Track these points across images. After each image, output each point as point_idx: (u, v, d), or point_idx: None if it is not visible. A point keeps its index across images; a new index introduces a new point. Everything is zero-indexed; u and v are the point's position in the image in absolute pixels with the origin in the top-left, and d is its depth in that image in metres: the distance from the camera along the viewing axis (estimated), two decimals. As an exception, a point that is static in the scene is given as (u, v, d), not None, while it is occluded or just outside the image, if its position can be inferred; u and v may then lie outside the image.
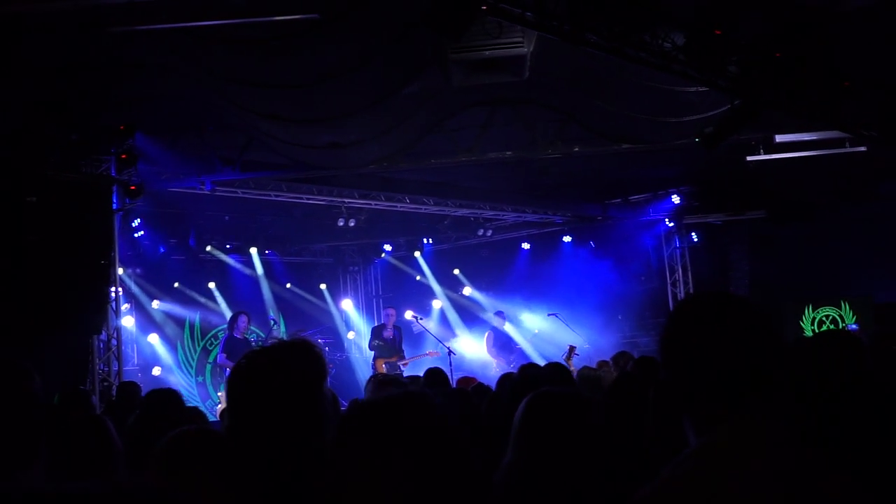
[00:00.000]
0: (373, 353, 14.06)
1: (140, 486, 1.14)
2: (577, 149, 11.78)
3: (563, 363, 11.67)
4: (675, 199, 15.28)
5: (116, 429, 3.21)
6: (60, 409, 5.94)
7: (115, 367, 10.99)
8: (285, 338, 14.06)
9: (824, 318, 14.89)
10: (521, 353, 14.82)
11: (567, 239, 16.73)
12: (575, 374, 7.51)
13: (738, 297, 1.89)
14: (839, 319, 14.77)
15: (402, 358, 13.98)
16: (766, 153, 11.62)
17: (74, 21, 7.35)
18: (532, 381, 3.80)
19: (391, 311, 14.60)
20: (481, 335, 16.64)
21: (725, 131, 9.27)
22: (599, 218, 16.11)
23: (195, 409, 4.89)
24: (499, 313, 14.98)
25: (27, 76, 8.33)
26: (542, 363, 9.84)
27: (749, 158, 11.72)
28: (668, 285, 15.82)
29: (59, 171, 10.00)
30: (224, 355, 12.57)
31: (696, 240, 15.89)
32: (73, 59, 8.12)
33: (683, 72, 8.14)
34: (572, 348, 12.84)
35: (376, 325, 15.12)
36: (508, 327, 14.97)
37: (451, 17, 6.89)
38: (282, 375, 2.36)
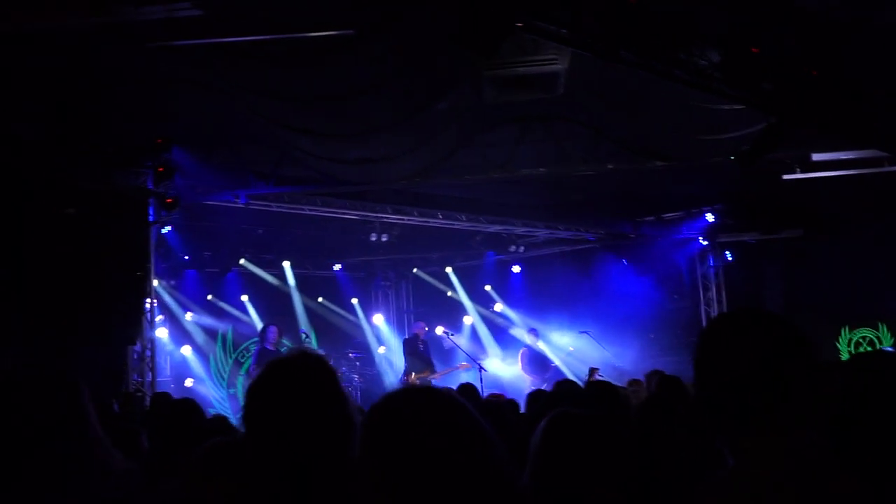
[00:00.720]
0: (404, 366, 14.03)
1: None
2: (610, 166, 11.72)
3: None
4: (709, 217, 15.13)
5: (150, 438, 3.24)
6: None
7: (148, 378, 11.09)
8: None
9: (861, 340, 14.66)
10: (557, 370, 14.73)
11: (599, 256, 16.63)
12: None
13: (773, 315, 1.86)
14: (876, 341, 14.53)
15: (434, 371, 13.94)
16: (802, 172, 11.49)
17: (112, 36, 7.46)
18: (566, 397, 3.76)
19: (423, 325, 14.59)
20: (512, 352, 16.59)
21: (761, 150, 9.18)
22: (632, 236, 16.00)
23: (220, 416, 4.91)
24: (532, 330, 14.87)
25: (65, 89, 8.47)
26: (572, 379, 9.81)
27: (785, 177, 11.60)
28: (702, 304, 15.66)
29: (96, 184, 10.15)
30: (257, 368, 12.61)
31: (730, 258, 15.73)
32: (111, 72, 8.24)
33: (719, 89, 8.08)
34: (593, 370, 12.78)
35: (408, 337, 15.09)
36: (542, 345, 14.88)
37: (484, 35, 6.90)
38: (302, 383, 2.37)
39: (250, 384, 2.45)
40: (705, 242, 15.64)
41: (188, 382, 15.14)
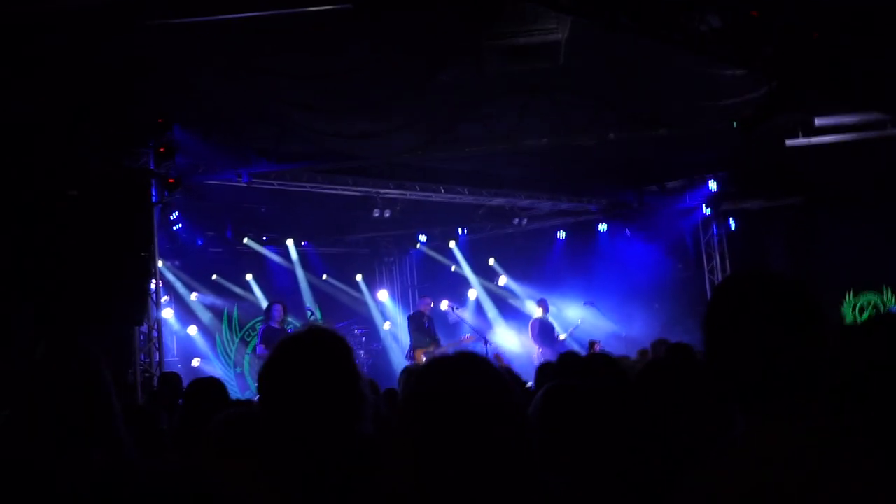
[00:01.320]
0: (409, 342, 14.07)
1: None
2: (612, 135, 11.68)
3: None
4: (712, 184, 15.10)
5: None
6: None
7: (156, 359, 11.13)
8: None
9: (865, 305, 14.69)
10: (565, 342, 14.76)
11: (603, 227, 16.63)
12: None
13: (783, 277, 1.85)
14: (881, 305, 14.54)
15: (439, 346, 13.99)
16: (805, 136, 11.45)
17: (110, 15, 7.43)
18: (569, 369, 3.78)
19: (429, 300, 14.62)
20: (516, 325, 16.65)
21: (764, 114, 9.16)
22: (635, 205, 15.98)
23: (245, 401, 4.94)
24: (541, 301, 14.83)
25: (64, 71, 8.44)
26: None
27: (788, 142, 11.56)
28: (706, 273, 15.68)
29: (98, 165, 10.14)
30: (262, 346, 12.68)
31: (733, 227, 15.72)
32: (110, 52, 8.21)
33: (719, 54, 8.05)
34: (592, 343, 12.82)
35: (413, 313, 15.12)
36: (551, 317, 14.87)
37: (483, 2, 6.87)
38: (316, 359, 2.41)
39: (266, 358, 2.48)
40: (708, 211, 15.62)
41: (195, 362, 15.22)
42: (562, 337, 14.51)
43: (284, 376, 2.41)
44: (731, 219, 15.68)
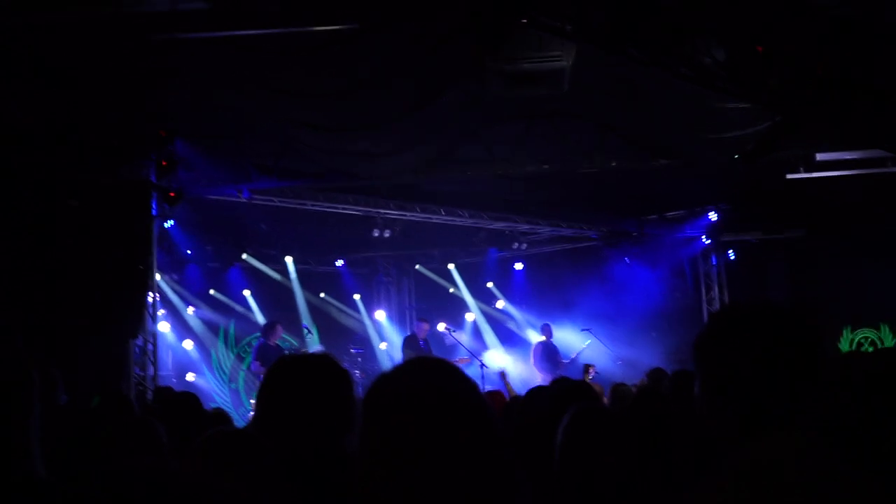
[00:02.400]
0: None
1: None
2: (614, 163, 11.70)
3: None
4: (713, 215, 15.11)
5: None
6: (101, 411, 6.01)
7: (150, 372, 11.08)
8: (318, 347, 14.15)
9: (863, 340, 14.64)
10: (568, 367, 14.63)
11: (602, 254, 16.62)
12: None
13: (778, 307, 1.82)
14: (878, 342, 14.49)
15: None
16: (806, 171, 11.46)
17: (115, 29, 7.44)
18: (567, 396, 3.74)
19: (425, 326, 14.56)
20: (514, 349, 16.59)
21: (766, 148, 9.16)
22: (635, 234, 15.97)
23: (219, 410, 4.92)
24: (545, 326, 14.70)
25: (68, 82, 8.45)
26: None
27: (789, 176, 11.57)
28: (704, 303, 15.64)
29: (99, 176, 10.13)
30: (258, 363, 12.62)
31: (732, 257, 15.71)
32: (115, 65, 8.21)
33: (723, 87, 8.05)
34: (588, 367, 12.74)
35: (408, 335, 15.07)
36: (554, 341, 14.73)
37: (489, 29, 6.89)
38: (314, 380, 2.45)
39: (266, 375, 2.52)
40: (708, 241, 15.62)
41: (190, 376, 15.15)
42: (572, 358, 14.29)
43: (281, 394, 2.44)
44: (730, 250, 15.68)
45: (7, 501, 1.96)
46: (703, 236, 15.61)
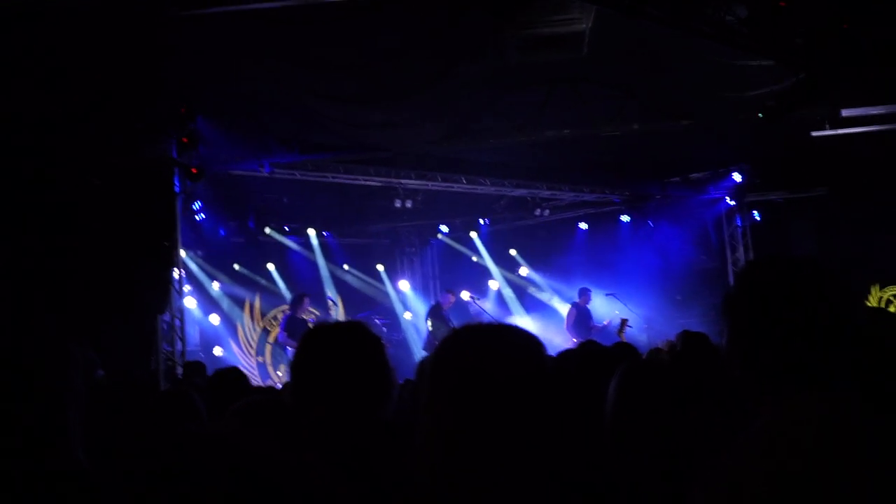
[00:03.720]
0: (427, 334, 13.99)
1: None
2: (635, 126, 11.61)
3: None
4: (737, 176, 14.98)
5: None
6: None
7: (178, 347, 11.19)
8: (343, 319, 14.23)
9: (892, 298, 14.53)
10: (600, 332, 14.54)
11: (625, 218, 16.55)
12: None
13: (812, 261, 1.80)
14: (907, 299, 14.39)
15: None
16: (832, 128, 11.31)
17: (134, 5, 7.45)
18: (598, 358, 3.75)
19: (451, 297, 14.58)
20: (538, 315, 16.61)
21: (789, 105, 9.06)
22: (658, 196, 15.88)
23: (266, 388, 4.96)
24: (583, 290, 14.54)
25: (88, 60, 8.47)
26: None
27: (814, 134, 11.43)
28: (729, 265, 15.56)
29: (121, 155, 10.18)
30: (285, 334, 12.74)
31: (757, 218, 15.60)
32: (134, 42, 8.22)
33: (746, 45, 7.95)
34: (624, 321, 12.67)
35: (433, 304, 15.08)
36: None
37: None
38: (348, 347, 2.47)
39: (299, 345, 2.52)
40: (732, 202, 15.51)
41: (217, 351, 15.29)
42: (604, 324, 14.16)
43: (317, 361, 2.46)
44: (755, 210, 15.55)
45: (46, 489, 1.94)
46: (727, 197, 15.49)
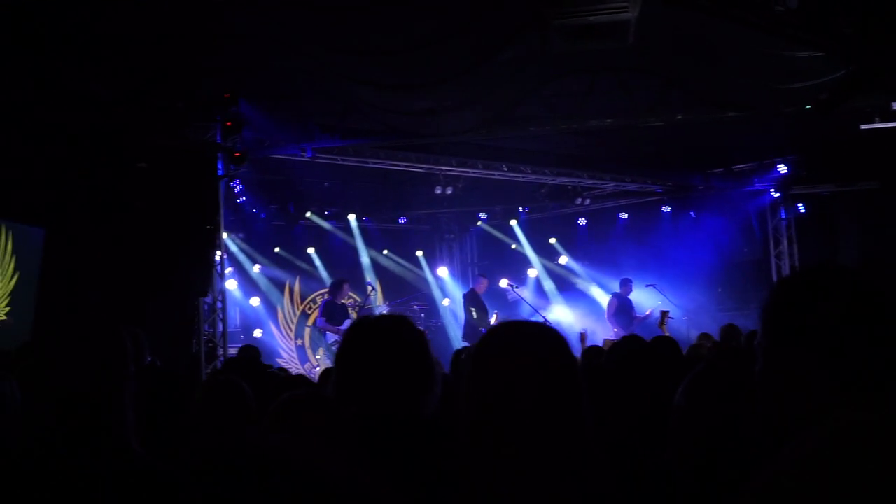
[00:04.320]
0: (471, 318, 13.95)
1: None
2: (680, 116, 11.49)
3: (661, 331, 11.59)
4: (782, 168, 14.74)
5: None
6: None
7: (219, 329, 11.33)
8: (382, 304, 14.26)
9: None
10: (642, 323, 14.45)
11: (667, 209, 16.41)
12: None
13: (859, 271, 1.76)
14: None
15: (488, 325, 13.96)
16: (882, 121, 11.10)
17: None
18: (640, 355, 3.74)
19: (484, 281, 14.58)
20: (577, 304, 16.53)
21: (840, 98, 8.88)
22: (701, 187, 15.69)
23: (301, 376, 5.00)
24: (625, 280, 14.43)
25: (132, 45, 8.56)
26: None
27: (863, 127, 11.23)
28: (772, 258, 15.35)
29: (166, 139, 10.30)
30: (324, 319, 12.83)
31: (802, 211, 15.36)
32: (177, 27, 8.29)
33: (796, 36, 7.81)
34: (664, 313, 12.58)
35: (469, 290, 15.04)
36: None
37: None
38: (396, 341, 2.49)
39: (343, 340, 2.55)
40: (777, 194, 15.27)
41: (257, 333, 15.48)
42: (645, 315, 14.05)
43: (362, 355, 2.48)
44: (800, 203, 15.31)
45: (102, 476, 1.96)
46: (772, 189, 15.26)
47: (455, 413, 1.88)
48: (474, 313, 13.75)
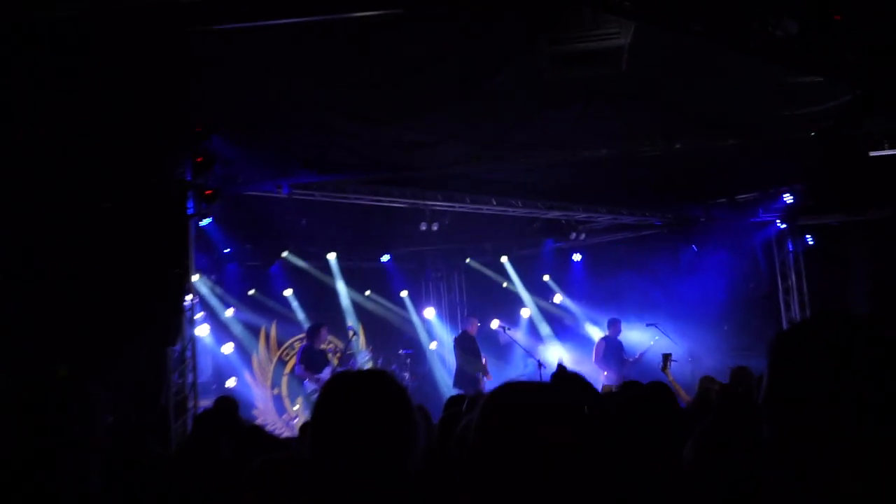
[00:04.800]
0: (463, 363, 14.02)
1: None
2: (678, 145, 11.63)
3: (662, 376, 11.65)
4: (788, 197, 14.92)
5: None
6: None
7: (189, 380, 11.24)
8: (365, 349, 14.26)
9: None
10: (634, 366, 14.61)
11: (667, 243, 16.52)
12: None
13: (861, 318, 1.82)
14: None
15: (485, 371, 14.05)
16: (891, 147, 11.29)
17: (149, 20, 7.59)
18: (635, 404, 3.79)
19: (475, 320, 14.66)
20: (573, 346, 16.59)
21: (846, 125, 9.04)
22: (702, 219, 15.84)
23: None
24: (613, 321, 14.66)
25: (101, 76, 8.62)
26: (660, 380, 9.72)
27: (872, 153, 11.40)
28: (780, 293, 15.47)
29: (133, 176, 10.31)
30: (302, 366, 12.83)
31: (811, 242, 15.50)
32: (148, 59, 8.37)
33: (798, 62, 7.97)
34: (667, 356, 12.66)
35: (460, 333, 15.11)
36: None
37: (541, 7, 6.89)
38: (373, 399, 2.53)
39: (320, 396, 2.60)
40: (783, 226, 15.44)
41: (230, 382, 15.40)
42: (637, 356, 14.28)
43: (338, 414, 2.52)
44: (808, 234, 15.46)
45: None
46: (778, 220, 15.43)
47: (442, 466, 1.95)
48: (459, 356, 13.87)
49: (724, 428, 2.58)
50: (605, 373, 14.00)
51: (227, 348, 15.63)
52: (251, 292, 16.18)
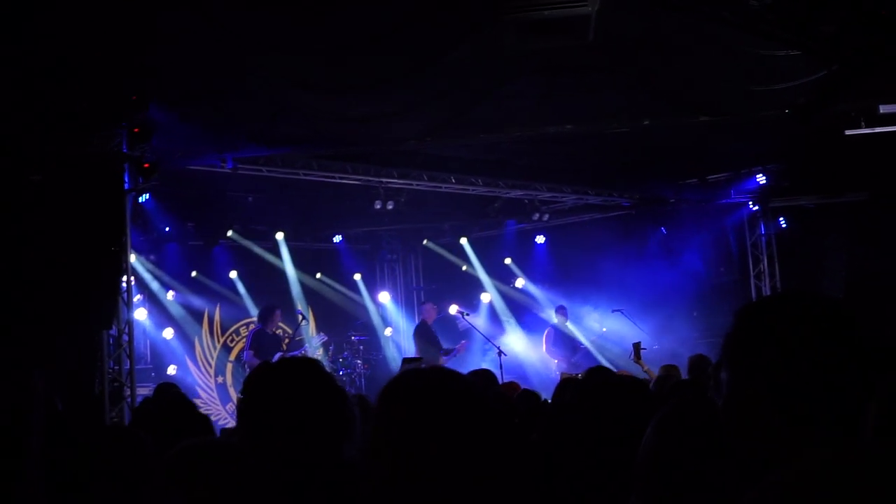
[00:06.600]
0: (421, 353, 14.04)
1: None
2: (646, 122, 11.68)
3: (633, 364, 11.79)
4: (761, 178, 15.07)
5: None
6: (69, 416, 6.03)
7: (126, 366, 11.13)
8: (315, 335, 14.25)
9: (934, 317, 14.60)
10: (586, 352, 14.77)
11: (635, 224, 16.60)
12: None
13: (832, 299, 1.83)
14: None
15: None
16: (868, 126, 11.41)
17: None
18: (605, 391, 3.78)
19: (431, 306, 14.69)
20: (536, 334, 16.64)
21: (822, 102, 9.12)
22: (672, 200, 15.96)
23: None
24: (560, 309, 14.88)
25: (32, 41, 8.46)
26: (605, 366, 9.85)
27: (848, 132, 11.52)
28: (752, 277, 15.64)
29: (65, 147, 10.14)
30: (251, 352, 12.74)
31: (784, 225, 15.66)
32: (85, 23, 8.22)
33: (772, 33, 8.02)
34: (637, 345, 12.78)
35: (419, 323, 15.13)
36: (570, 325, 14.92)
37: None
38: (302, 387, 2.63)
39: (245, 385, 2.71)
40: (756, 207, 15.59)
41: (171, 370, 15.24)
42: (585, 345, 14.55)
43: (266, 403, 2.61)
44: (781, 217, 15.61)
45: None
46: (750, 202, 15.58)
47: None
48: (417, 345, 13.93)
49: (682, 414, 2.60)
50: (556, 361, 14.19)
51: (168, 333, 15.48)
52: (193, 274, 15.99)
